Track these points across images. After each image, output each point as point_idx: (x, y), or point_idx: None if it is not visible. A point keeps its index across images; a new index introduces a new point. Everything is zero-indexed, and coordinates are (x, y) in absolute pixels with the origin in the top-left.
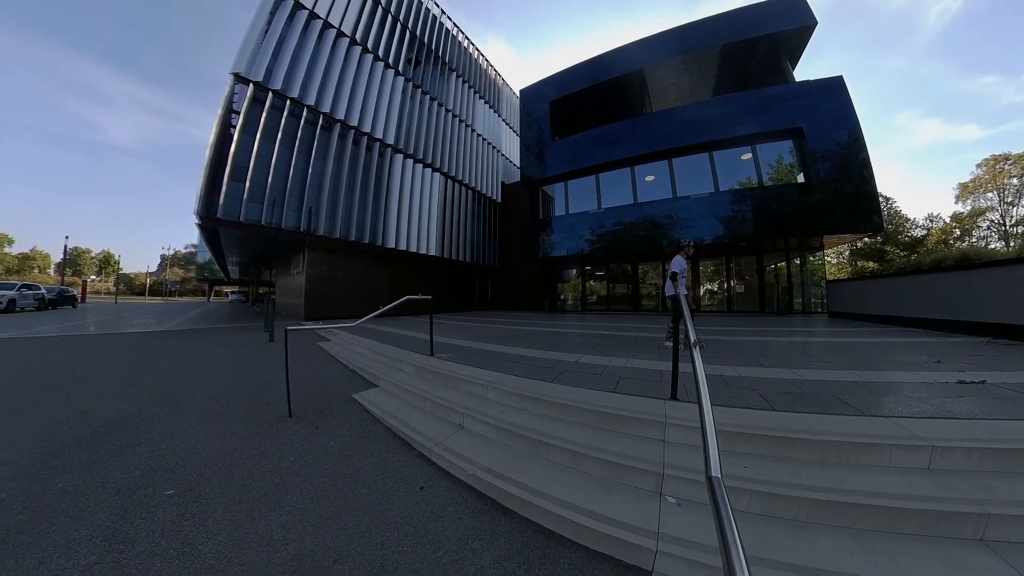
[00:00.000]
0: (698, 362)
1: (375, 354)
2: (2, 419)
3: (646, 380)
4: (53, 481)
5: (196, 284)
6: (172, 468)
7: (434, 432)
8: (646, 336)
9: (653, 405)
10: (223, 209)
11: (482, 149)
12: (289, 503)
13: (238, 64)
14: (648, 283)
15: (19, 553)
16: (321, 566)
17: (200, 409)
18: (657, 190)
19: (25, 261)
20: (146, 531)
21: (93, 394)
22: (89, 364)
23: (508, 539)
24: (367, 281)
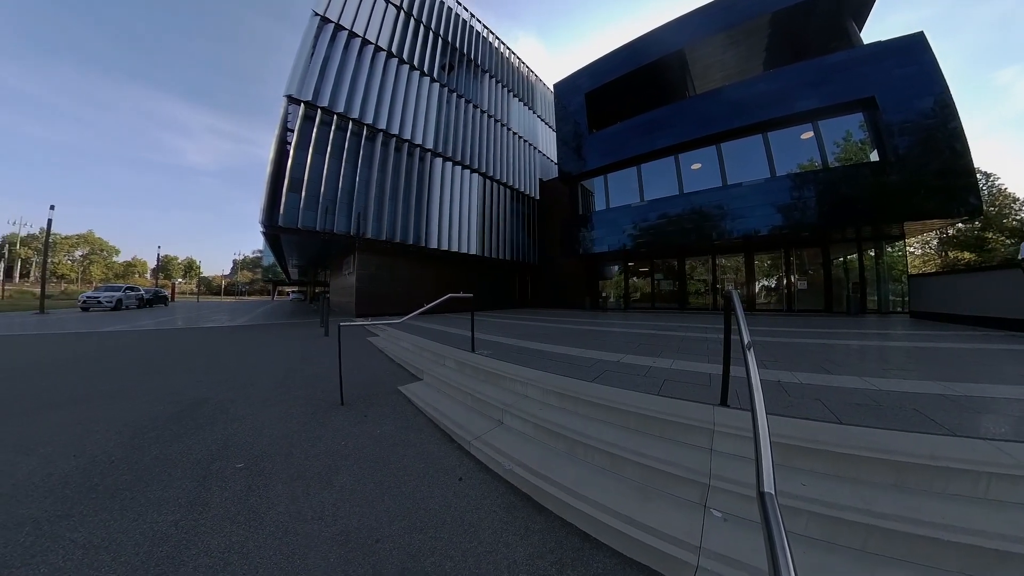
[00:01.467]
0: (752, 365)
1: (419, 349)
2: (116, 398)
3: (693, 383)
4: (150, 449)
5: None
6: (242, 445)
7: (474, 426)
8: (694, 336)
9: (701, 410)
10: (283, 217)
11: (518, 147)
12: (339, 483)
13: (290, 87)
14: (696, 279)
15: (124, 506)
16: (365, 543)
17: (265, 394)
18: (704, 179)
19: (129, 268)
20: (220, 497)
21: (181, 379)
22: (178, 353)
23: (542, 537)
24: (412, 280)
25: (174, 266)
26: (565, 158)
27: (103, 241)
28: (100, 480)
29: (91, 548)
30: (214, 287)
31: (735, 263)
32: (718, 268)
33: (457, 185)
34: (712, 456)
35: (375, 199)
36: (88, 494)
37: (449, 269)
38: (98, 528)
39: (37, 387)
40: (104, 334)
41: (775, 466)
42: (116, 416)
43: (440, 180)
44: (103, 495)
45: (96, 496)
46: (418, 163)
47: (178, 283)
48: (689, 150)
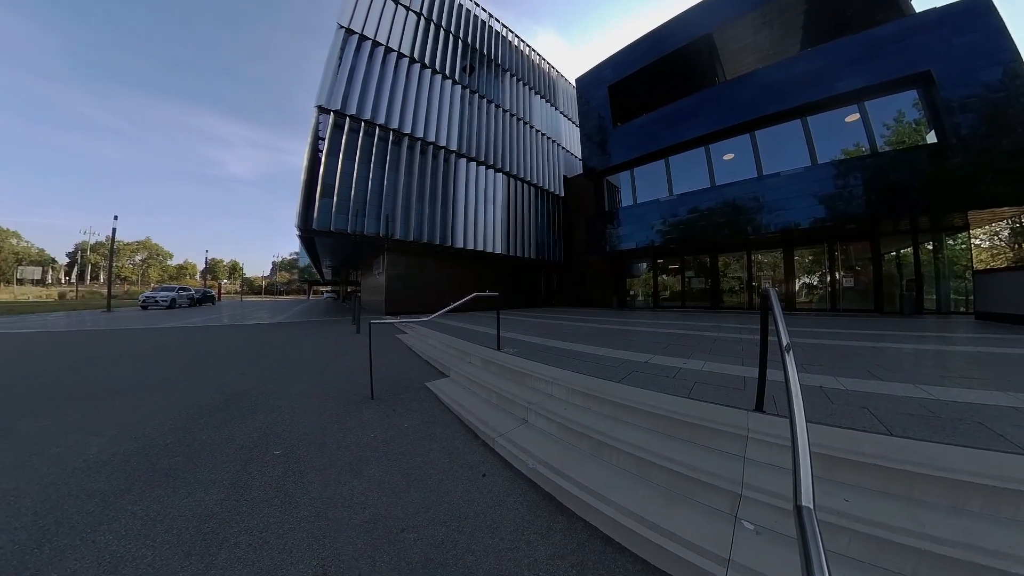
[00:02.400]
0: (791, 369)
1: (446, 346)
2: (170, 388)
3: (726, 386)
4: (199, 435)
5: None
6: (280, 433)
7: (498, 423)
8: (727, 337)
9: (734, 415)
10: (317, 221)
11: (542, 145)
12: (368, 473)
13: (319, 97)
14: (730, 277)
15: (176, 484)
16: (391, 532)
17: (301, 387)
18: (738, 169)
19: (181, 270)
20: (259, 480)
21: (226, 372)
22: (223, 348)
23: (564, 537)
24: (439, 279)
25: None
26: (589, 153)
27: (159, 246)
28: (156, 460)
29: (148, 520)
30: (255, 287)
31: (772, 259)
32: (754, 264)
33: (481, 185)
34: (745, 464)
35: (402, 201)
36: (146, 472)
37: (475, 268)
38: (154, 503)
39: (106, 377)
40: (160, 330)
41: (815, 478)
42: (170, 404)
43: (465, 180)
44: (159, 474)
45: (153, 474)
46: (443, 164)
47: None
48: (720, 140)
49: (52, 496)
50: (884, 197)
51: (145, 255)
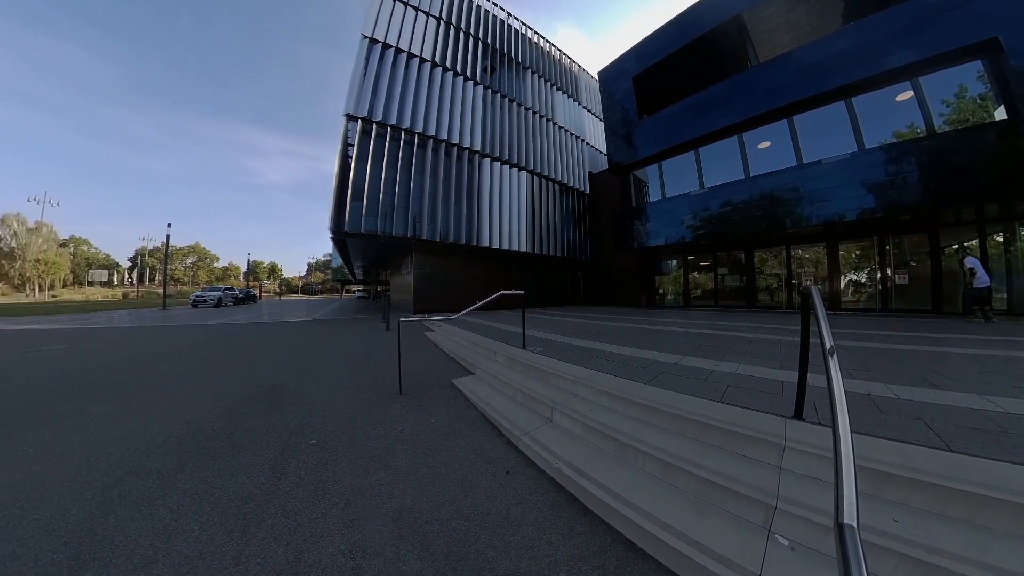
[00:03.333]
0: (835, 374)
1: (472, 344)
2: (216, 379)
3: (762, 391)
4: (241, 423)
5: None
6: (314, 424)
7: (523, 422)
8: (764, 338)
9: (770, 422)
10: (348, 223)
11: (565, 141)
12: (395, 465)
13: (348, 106)
14: (767, 274)
15: (222, 467)
16: (416, 523)
17: (334, 381)
18: (775, 158)
19: (226, 272)
20: (295, 467)
21: (266, 365)
22: (263, 344)
23: (585, 539)
24: (465, 278)
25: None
26: (615, 148)
27: (206, 250)
28: (205, 444)
29: (197, 498)
30: (292, 287)
31: (814, 254)
32: (793, 260)
33: (506, 184)
34: (781, 475)
35: (429, 202)
36: (196, 454)
37: (500, 267)
38: (202, 483)
39: (162, 368)
40: (208, 326)
41: (859, 494)
42: (216, 394)
43: (489, 180)
44: (207, 456)
45: (202, 457)
46: (467, 165)
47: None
48: (755, 127)
49: (116, 472)
50: (944, 183)
51: (195, 258)
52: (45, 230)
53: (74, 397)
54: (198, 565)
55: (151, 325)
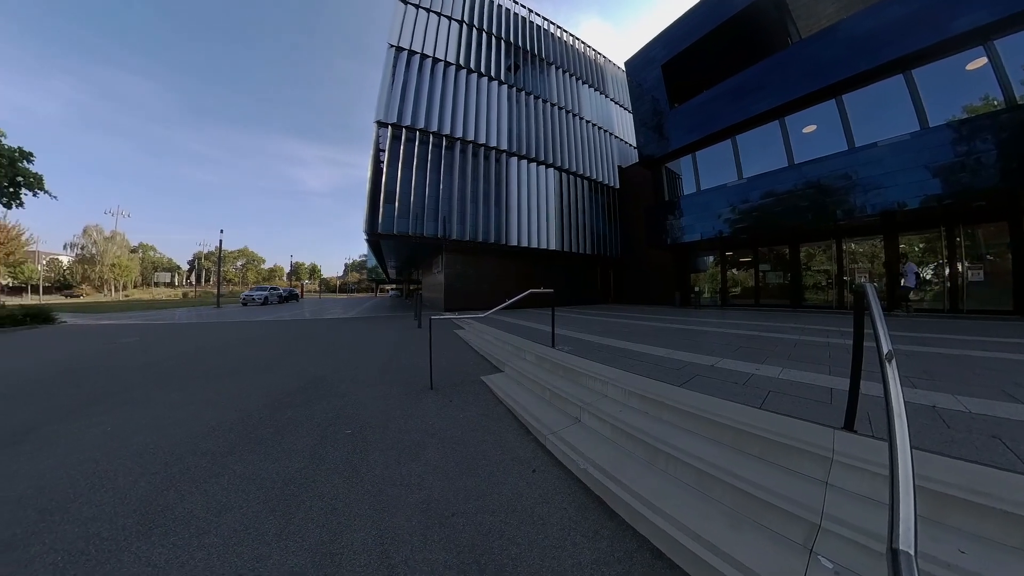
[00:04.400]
0: (894, 382)
1: (501, 342)
2: (262, 371)
3: (808, 398)
4: (283, 414)
5: (367, 283)
6: (350, 415)
7: (551, 421)
8: (810, 340)
9: (816, 433)
10: (381, 225)
11: (593, 136)
12: (425, 458)
13: (378, 113)
14: (815, 270)
15: (267, 451)
16: (442, 515)
17: (369, 376)
18: (822, 143)
19: (272, 272)
20: (332, 454)
21: (306, 360)
22: (304, 339)
23: (611, 544)
24: (494, 276)
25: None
26: (645, 140)
27: (254, 253)
28: (252, 430)
29: (244, 478)
30: (331, 286)
31: (870, 248)
32: (845, 255)
33: (533, 182)
34: (827, 491)
35: (458, 202)
36: (245, 439)
37: (529, 265)
38: (250, 465)
39: (217, 360)
40: (255, 323)
41: (918, 518)
42: (263, 385)
43: (516, 179)
44: (254, 441)
45: (249, 441)
46: (494, 165)
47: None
48: (798, 110)
49: (177, 451)
50: None
51: (244, 261)
52: (119, 238)
53: (143, 384)
54: (244, 538)
55: (207, 321)
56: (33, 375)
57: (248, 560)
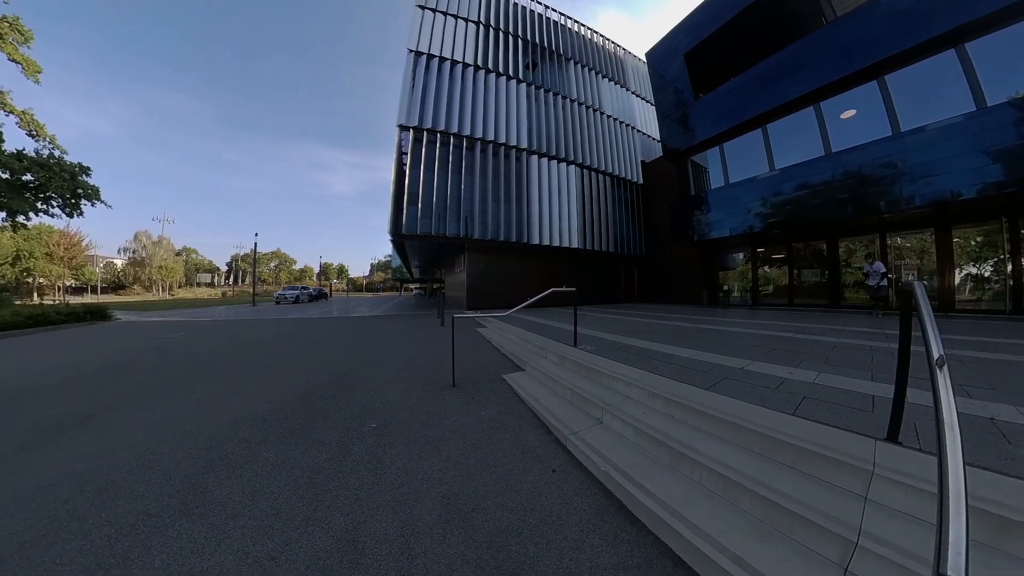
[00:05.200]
0: (945, 390)
1: (522, 341)
2: (294, 365)
3: (847, 406)
4: (312, 406)
5: (392, 283)
6: (375, 410)
7: (572, 421)
8: (851, 343)
9: (856, 443)
10: (405, 226)
11: (615, 131)
12: (446, 453)
13: (400, 117)
14: (855, 267)
15: (297, 441)
16: (462, 510)
17: (393, 372)
18: (863, 129)
19: (303, 273)
20: (358, 446)
21: (334, 355)
22: (332, 336)
23: (630, 549)
24: (516, 275)
25: (331, 270)
26: (669, 133)
27: (286, 255)
28: (284, 421)
29: (276, 465)
30: (358, 285)
31: (918, 243)
32: (890, 251)
33: (555, 179)
34: (866, 506)
35: (479, 202)
36: (276, 429)
37: (551, 263)
38: (281, 453)
39: (252, 355)
40: (287, 320)
41: (970, 542)
42: (293, 378)
43: (537, 177)
44: (285, 432)
45: (281, 432)
46: (515, 163)
47: (334, 283)
48: (835, 94)
49: (216, 438)
50: None
51: (277, 262)
52: (165, 242)
53: (187, 377)
54: (274, 522)
55: (244, 318)
56: (94, 366)
57: (278, 543)
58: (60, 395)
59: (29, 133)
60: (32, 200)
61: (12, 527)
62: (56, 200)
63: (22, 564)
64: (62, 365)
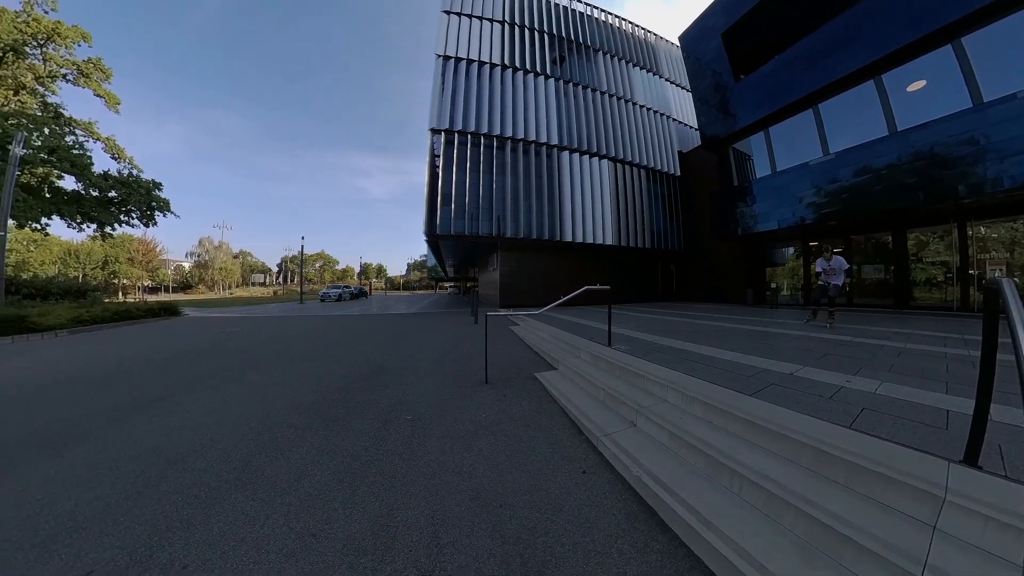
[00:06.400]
0: None
1: (555, 339)
2: (336, 359)
3: (914, 421)
4: (352, 397)
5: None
6: (410, 403)
7: (604, 423)
8: (922, 349)
9: (924, 464)
10: (439, 227)
11: (648, 121)
12: (477, 448)
13: (431, 121)
14: (928, 262)
15: (338, 429)
16: (490, 505)
17: (428, 367)
18: (934, 102)
19: (344, 273)
20: (393, 436)
21: (373, 350)
22: (372, 332)
23: (660, 559)
24: (549, 273)
25: (370, 270)
26: (708, 120)
27: (329, 256)
28: (327, 410)
29: (319, 451)
30: (395, 284)
31: (1007, 233)
32: (971, 242)
33: (587, 175)
34: (934, 536)
35: (511, 201)
36: (320, 417)
37: (585, 261)
38: (324, 440)
39: (299, 348)
40: (331, 316)
41: None
42: (336, 370)
43: (569, 173)
44: (328, 420)
45: (324, 420)
46: (546, 160)
47: (373, 282)
48: (899, 64)
49: (267, 423)
50: None
51: (321, 263)
52: (224, 247)
53: (243, 367)
54: (316, 503)
55: (292, 315)
56: (166, 355)
57: (319, 521)
58: (139, 380)
59: (112, 156)
60: (116, 213)
61: (101, 491)
62: (135, 212)
63: (109, 522)
64: (140, 354)
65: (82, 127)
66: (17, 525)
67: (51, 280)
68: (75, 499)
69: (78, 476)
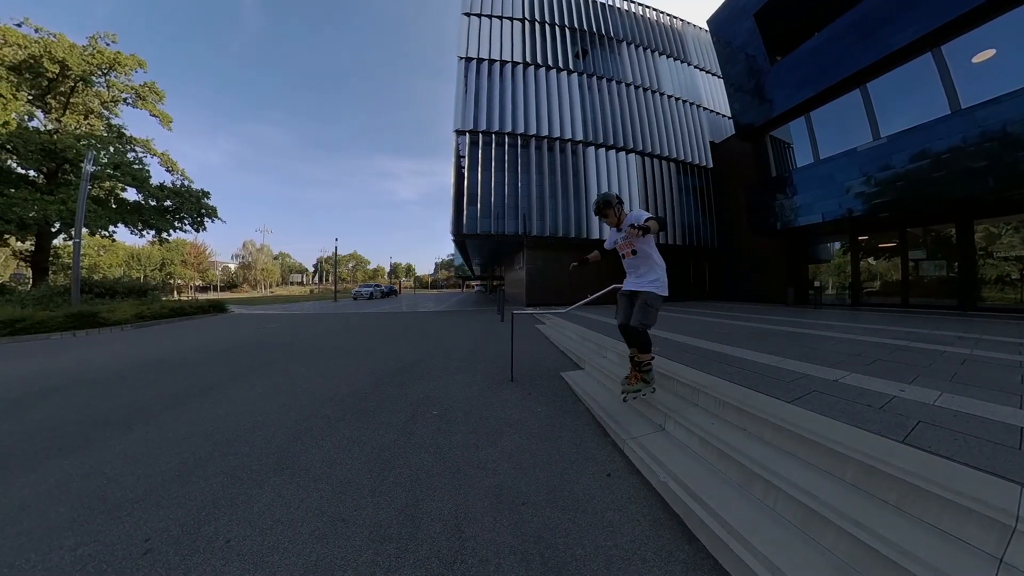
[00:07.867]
0: None
1: (581, 339)
2: (369, 354)
3: (980, 437)
4: (383, 391)
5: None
6: (437, 399)
7: (631, 425)
8: (991, 357)
9: (991, 487)
10: (466, 226)
11: (677, 112)
12: (502, 445)
13: (456, 122)
14: (998, 257)
15: (368, 421)
16: (513, 502)
17: (455, 364)
18: (1005, 74)
19: (375, 272)
20: (420, 431)
21: (402, 346)
22: (402, 329)
23: (685, 569)
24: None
25: (400, 269)
26: (741, 107)
27: (361, 256)
28: (359, 403)
29: (349, 441)
30: (424, 283)
31: None
32: None
33: (613, 170)
34: (1000, 570)
35: (536, 199)
36: (352, 409)
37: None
38: (355, 431)
39: (334, 343)
40: (363, 314)
41: None
42: (368, 366)
43: (595, 169)
44: (359, 413)
45: (356, 412)
46: (571, 157)
47: (402, 280)
48: (960, 33)
49: (304, 412)
50: None
51: (354, 263)
52: (266, 249)
53: (284, 360)
54: (347, 490)
55: (327, 312)
56: (215, 348)
57: (349, 508)
58: (192, 370)
59: (167, 169)
60: (171, 220)
61: (158, 467)
62: (187, 219)
63: (164, 496)
64: (194, 346)
65: (141, 144)
66: (90, 494)
67: (118, 281)
68: (136, 474)
69: (139, 453)
